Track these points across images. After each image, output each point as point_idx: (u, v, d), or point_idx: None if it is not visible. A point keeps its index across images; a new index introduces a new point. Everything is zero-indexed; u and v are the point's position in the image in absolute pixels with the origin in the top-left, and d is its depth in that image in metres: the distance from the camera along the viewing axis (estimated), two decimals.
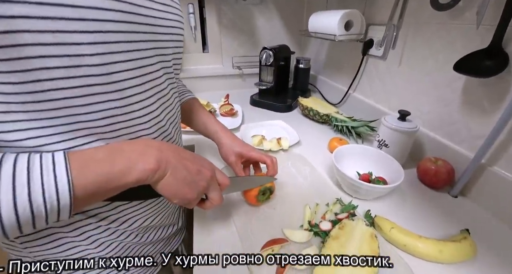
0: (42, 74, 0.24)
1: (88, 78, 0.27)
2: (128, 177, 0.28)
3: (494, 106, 0.53)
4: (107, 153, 0.29)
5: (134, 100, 0.33)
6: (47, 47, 0.24)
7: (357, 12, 0.83)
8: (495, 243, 0.48)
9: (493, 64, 0.49)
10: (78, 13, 0.24)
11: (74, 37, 0.25)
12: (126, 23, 0.29)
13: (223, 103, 1.02)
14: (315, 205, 0.54)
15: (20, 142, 0.27)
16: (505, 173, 0.52)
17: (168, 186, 0.32)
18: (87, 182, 0.26)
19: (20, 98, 0.25)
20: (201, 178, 0.36)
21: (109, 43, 0.27)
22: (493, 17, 0.49)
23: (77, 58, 0.25)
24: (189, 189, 0.34)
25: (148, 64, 0.34)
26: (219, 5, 1.20)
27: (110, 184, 0.28)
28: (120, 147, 0.30)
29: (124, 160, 0.29)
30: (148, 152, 0.31)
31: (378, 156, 0.62)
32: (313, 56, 1.27)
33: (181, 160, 0.34)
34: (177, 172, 0.32)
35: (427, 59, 0.67)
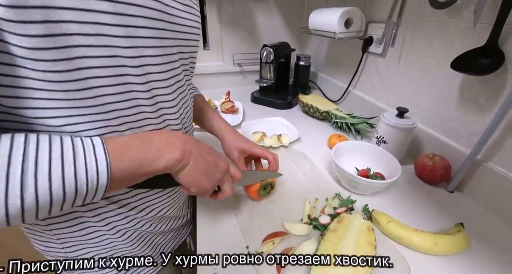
0: (82, 62, 0.26)
1: (121, 68, 0.29)
2: (157, 164, 0.31)
3: (490, 104, 0.54)
4: (139, 141, 0.31)
5: (159, 92, 0.35)
6: (88, 37, 0.26)
7: (357, 10, 0.84)
8: (488, 236, 0.49)
9: (490, 62, 0.50)
10: (114, 7, 0.26)
11: (111, 30, 0.27)
12: (156, 20, 0.31)
13: (224, 101, 1.03)
14: (314, 199, 0.55)
15: (61, 127, 0.29)
16: (499, 168, 0.53)
17: (189, 175, 0.35)
18: (122, 165, 0.28)
19: (63, 86, 0.26)
20: (218, 170, 0.39)
21: (141, 38, 0.30)
22: (489, 16, 0.50)
23: (112, 49, 0.28)
24: (206, 179, 0.37)
25: (172, 61, 0.36)
26: (220, 2, 1.20)
27: (141, 169, 0.30)
28: (149, 136, 0.33)
29: (154, 149, 0.31)
30: (174, 142, 0.33)
31: (376, 152, 0.63)
32: (313, 54, 1.28)
33: (201, 152, 0.36)
34: (197, 162, 0.35)
35: (425, 57, 0.68)
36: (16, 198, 0.22)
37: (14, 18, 0.22)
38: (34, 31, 0.23)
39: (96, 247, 0.41)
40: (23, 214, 0.23)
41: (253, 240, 0.46)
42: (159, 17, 0.32)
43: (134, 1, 0.28)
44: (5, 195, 0.22)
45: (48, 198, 0.24)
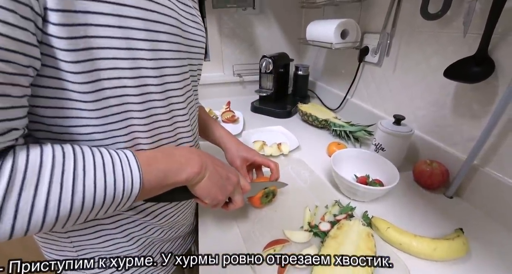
0: (111, 73, 0.29)
1: (144, 79, 0.33)
2: (180, 176, 0.34)
3: (484, 110, 0.56)
4: (164, 155, 0.35)
5: (175, 106, 0.39)
6: (119, 51, 0.29)
7: (353, 21, 0.87)
8: (488, 241, 0.49)
9: (481, 70, 0.52)
10: (143, 24, 0.30)
11: (138, 44, 0.30)
12: (173, 36, 0.35)
13: (224, 110, 1.04)
14: (314, 207, 0.56)
15: (90, 135, 0.31)
16: (496, 173, 0.54)
17: (204, 187, 0.38)
18: (151, 177, 0.31)
19: (93, 96, 0.29)
20: (229, 182, 0.42)
21: (162, 51, 0.33)
22: (478, 26, 0.52)
23: (138, 61, 0.31)
24: (220, 191, 0.40)
25: (184, 72, 0.39)
26: (220, 15, 1.24)
27: (165, 181, 0.33)
28: (171, 151, 0.37)
29: (177, 162, 0.35)
30: (193, 158, 0.37)
31: (374, 159, 0.64)
32: (311, 63, 1.31)
33: (215, 166, 0.39)
34: (212, 176, 0.38)
35: (420, 65, 0.70)
36: (67, 202, 0.24)
37: (64, 35, 0.25)
38: (77, 46, 0.26)
39: (109, 253, 0.42)
40: (68, 218, 0.25)
41: (254, 247, 0.47)
42: (177, 33, 0.35)
43: (158, 18, 0.32)
44: (59, 200, 0.24)
45: (91, 203, 0.26)
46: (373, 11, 0.85)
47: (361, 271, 0.40)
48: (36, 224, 0.23)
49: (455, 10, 0.57)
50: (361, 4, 0.89)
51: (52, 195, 0.24)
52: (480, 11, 0.52)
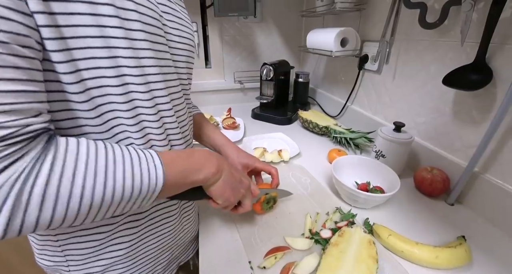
0: (99, 82, 0.31)
1: (129, 85, 0.33)
2: (199, 175, 0.36)
3: (483, 117, 0.56)
4: (184, 155, 0.37)
5: (162, 108, 0.38)
6: (101, 59, 0.30)
7: (352, 30, 0.88)
8: (491, 249, 0.49)
9: (479, 78, 0.53)
10: (123, 33, 0.31)
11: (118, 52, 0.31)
12: (154, 43, 0.35)
13: (225, 117, 1.05)
14: (315, 214, 0.56)
15: (87, 135, 0.33)
16: (497, 180, 0.54)
17: (219, 188, 0.40)
18: (172, 174, 0.33)
19: (92, 114, 0.31)
20: (242, 186, 0.44)
21: (144, 59, 0.34)
22: (476, 35, 0.53)
23: (121, 69, 0.32)
24: (232, 193, 0.42)
25: (169, 79, 0.39)
26: (221, 23, 1.26)
27: (186, 179, 0.35)
28: (192, 152, 0.38)
29: (196, 162, 0.37)
30: (210, 159, 0.39)
31: (375, 166, 0.64)
32: (311, 71, 1.32)
33: (230, 169, 0.42)
34: (227, 178, 0.40)
35: (419, 73, 0.71)
36: (99, 191, 0.26)
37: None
38: (61, 46, 0.27)
39: (100, 262, 0.41)
40: (99, 209, 0.27)
41: (255, 255, 0.46)
42: (159, 41, 0.36)
43: (139, 27, 0.32)
44: (93, 188, 0.25)
45: (120, 194, 0.28)
46: (372, 20, 0.86)
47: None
48: (72, 211, 0.25)
49: (452, 20, 0.58)
50: (360, 13, 0.91)
51: (87, 183, 0.25)
52: (477, 20, 0.53)
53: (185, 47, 0.43)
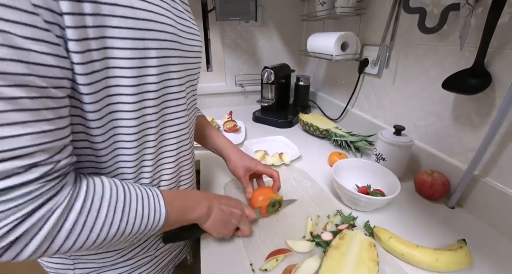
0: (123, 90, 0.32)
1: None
2: (192, 215, 0.41)
3: (483, 120, 0.56)
4: (182, 196, 0.42)
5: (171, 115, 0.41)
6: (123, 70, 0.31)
7: (352, 34, 0.89)
8: (491, 252, 0.49)
9: (478, 82, 0.53)
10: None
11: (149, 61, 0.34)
12: (174, 50, 0.37)
13: (226, 120, 1.06)
14: (316, 216, 0.56)
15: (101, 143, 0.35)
16: (497, 183, 0.54)
17: (211, 225, 0.45)
18: (173, 212, 0.37)
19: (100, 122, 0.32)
20: (233, 217, 0.47)
21: (168, 65, 0.37)
22: (474, 40, 0.54)
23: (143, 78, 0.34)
24: (224, 227, 0.46)
25: (182, 83, 0.41)
26: (223, 27, 1.27)
27: (183, 217, 0.40)
28: (186, 193, 0.44)
29: (190, 203, 0.42)
30: (202, 202, 0.43)
31: (375, 169, 0.65)
32: (312, 74, 1.33)
33: (219, 206, 0.46)
34: (217, 215, 0.45)
35: (419, 77, 0.71)
36: (116, 226, 0.30)
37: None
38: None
39: (104, 264, 0.43)
40: (112, 239, 0.30)
41: (256, 257, 0.47)
42: (176, 47, 0.38)
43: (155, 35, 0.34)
44: (110, 223, 0.30)
45: (131, 228, 0.32)
46: (372, 24, 0.87)
47: None
48: (89, 242, 0.28)
49: (451, 25, 0.59)
50: (360, 18, 0.92)
51: (107, 221, 0.29)
52: (476, 25, 0.54)
53: (195, 55, 0.45)
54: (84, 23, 0.26)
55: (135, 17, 0.30)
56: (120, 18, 0.28)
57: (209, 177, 0.73)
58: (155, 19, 0.32)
